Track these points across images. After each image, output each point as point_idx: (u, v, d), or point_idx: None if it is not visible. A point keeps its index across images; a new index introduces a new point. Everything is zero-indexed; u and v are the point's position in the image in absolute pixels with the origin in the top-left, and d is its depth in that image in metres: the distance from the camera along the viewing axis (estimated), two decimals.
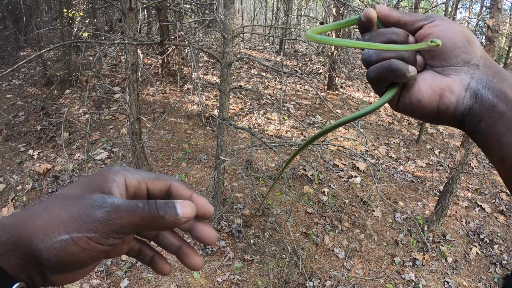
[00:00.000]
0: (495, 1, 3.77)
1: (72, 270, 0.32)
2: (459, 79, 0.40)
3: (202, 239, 0.37)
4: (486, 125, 0.38)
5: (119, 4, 3.05)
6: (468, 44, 0.41)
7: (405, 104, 0.43)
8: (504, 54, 11.95)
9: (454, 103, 0.40)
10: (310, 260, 3.21)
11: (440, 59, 0.42)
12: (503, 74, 0.40)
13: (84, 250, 0.31)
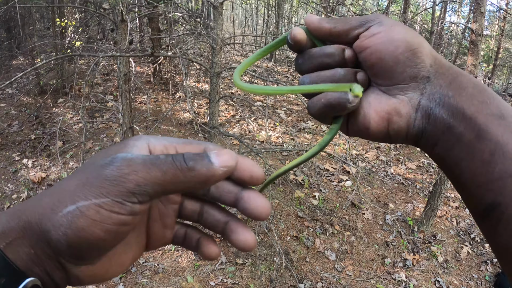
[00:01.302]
0: (478, 5, 3.87)
1: (91, 255, 0.27)
2: (407, 100, 0.35)
3: (251, 211, 0.30)
4: (443, 149, 0.34)
5: (111, 16, 3.12)
6: (413, 55, 0.34)
7: (355, 131, 0.38)
8: (493, 56, 12.10)
9: (404, 127, 0.35)
10: (301, 263, 3.27)
11: (384, 78, 0.36)
12: (461, 81, 0.34)
13: (95, 222, 0.25)
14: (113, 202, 0.25)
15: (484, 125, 0.31)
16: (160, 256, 3.12)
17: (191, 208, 0.33)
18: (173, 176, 0.26)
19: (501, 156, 0.29)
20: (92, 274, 0.28)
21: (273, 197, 3.89)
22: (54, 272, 0.27)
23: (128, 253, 0.31)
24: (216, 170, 0.27)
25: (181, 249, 3.19)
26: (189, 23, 5.24)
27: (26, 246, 0.26)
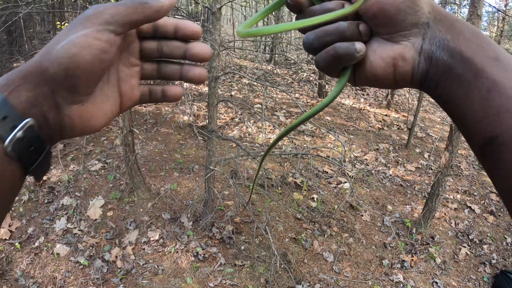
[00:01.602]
0: (475, 8, 3.89)
1: (82, 85, 0.33)
2: (410, 45, 0.37)
3: (197, 54, 0.38)
4: (444, 89, 0.36)
5: None
6: (412, 3, 0.36)
7: (362, 80, 0.40)
8: None
9: (409, 71, 0.38)
10: (300, 264, 3.30)
11: (386, 27, 0.37)
12: (458, 27, 0.36)
13: (83, 48, 0.32)
14: (95, 30, 0.33)
15: (481, 65, 0.33)
16: (159, 258, 3.15)
17: (149, 68, 0.41)
18: (134, 9, 0.34)
19: (497, 93, 0.32)
20: (80, 115, 0.35)
21: (271, 199, 3.92)
22: (49, 113, 0.33)
23: (108, 103, 0.37)
24: (164, 3, 0.35)
25: (180, 250, 3.23)
26: None
27: (26, 91, 0.32)
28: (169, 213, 3.64)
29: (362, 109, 7.93)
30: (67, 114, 0.34)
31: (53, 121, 0.34)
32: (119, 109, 0.40)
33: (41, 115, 0.33)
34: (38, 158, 0.33)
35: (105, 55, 0.34)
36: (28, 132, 0.32)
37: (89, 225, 3.40)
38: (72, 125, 0.35)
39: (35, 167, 0.34)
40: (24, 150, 0.32)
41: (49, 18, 8.57)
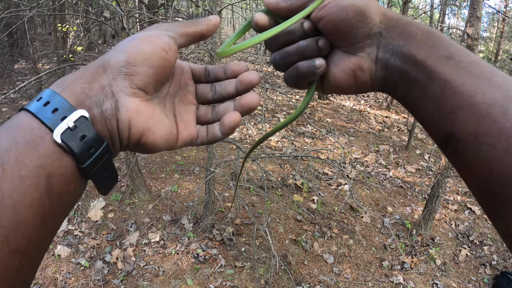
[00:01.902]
0: (474, 9, 3.90)
1: (139, 72, 0.35)
2: (366, 55, 0.39)
3: (245, 80, 0.41)
4: (403, 91, 0.38)
5: (111, 23, 3.17)
6: (362, 16, 0.38)
7: (329, 90, 0.43)
8: (492, 58, 12.12)
9: (368, 79, 0.40)
10: (300, 266, 3.31)
11: (342, 41, 0.40)
12: (411, 30, 0.37)
13: (145, 42, 0.36)
14: (156, 33, 0.37)
15: (434, 66, 0.35)
16: (160, 259, 3.16)
17: (205, 109, 0.44)
18: (188, 23, 0.40)
19: (450, 92, 0.33)
20: (138, 111, 0.35)
21: (272, 200, 3.93)
22: (105, 103, 0.34)
23: (165, 124, 0.39)
24: (211, 19, 0.41)
25: (181, 252, 3.24)
26: None
27: (81, 83, 0.33)
28: (170, 215, 3.65)
29: (362, 110, 7.94)
30: (125, 105, 0.34)
31: (109, 113, 0.34)
32: (176, 139, 0.40)
33: (96, 105, 0.33)
34: (94, 153, 0.32)
35: (164, 54, 0.36)
36: (80, 123, 0.31)
37: (90, 226, 3.41)
38: (129, 122, 0.35)
39: (91, 165, 0.32)
40: (76, 141, 0.31)
41: (50, 20, 8.59)
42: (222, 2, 2.65)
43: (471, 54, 0.35)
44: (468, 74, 0.33)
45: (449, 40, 0.37)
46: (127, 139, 0.36)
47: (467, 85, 0.33)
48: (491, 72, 0.34)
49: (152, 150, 0.38)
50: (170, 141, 0.39)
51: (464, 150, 0.33)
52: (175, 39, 0.38)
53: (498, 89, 0.32)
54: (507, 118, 0.30)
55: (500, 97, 0.31)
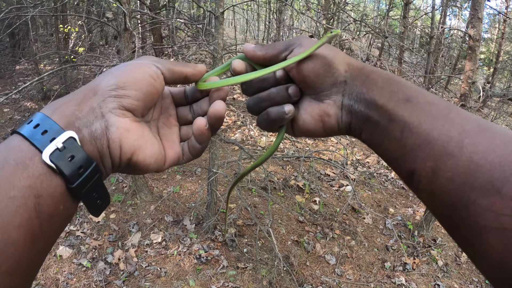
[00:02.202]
0: (476, 11, 3.90)
1: (128, 95, 0.37)
2: (332, 102, 0.42)
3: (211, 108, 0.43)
4: (367, 135, 0.40)
5: (114, 24, 3.18)
6: (329, 67, 0.42)
7: (299, 133, 0.46)
8: (493, 59, 12.10)
9: (335, 124, 0.43)
10: (302, 267, 3.31)
11: (311, 89, 0.43)
12: (373, 78, 0.41)
13: (136, 68, 0.38)
14: (147, 62, 0.40)
15: (393, 110, 0.37)
16: (162, 260, 3.16)
17: (187, 130, 0.46)
18: (176, 63, 0.42)
19: (409, 132, 0.36)
20: (128, 130, 0.37)
21: (274, 202, 3.93)
22: (94, 123, 0.35)
23: (153, 144, 0.41)
24: (199, 66, 0.44)
25: (183, 253, 3.23)
26: (191, 29, 5.30)
27: (72, 106, 0.35)
28: (172, 216, 3.65)
29: None
30: (115, 125, 0.36)
31: (98, 133, 0.35)
32: (164, 159, 0.42)
33: (86, 126, 0.34)
34: (84, 174, 0.33)
35: (152, 81, 0.39)
36: (69, 144, 0.32)
37: (91, 227, 3.41)
38: (120, 140, 0.36)
39: (81, 185, 0.33)
40: (64, 162, 0.32)
41: (52, 21, 8.60)
42: (225, 4, 2.65)
43: (428, 95, 0.38)
44: (425, 114, 0.36)
45: (408, 83, 0.40)
46: (119, 158, 0.37)
47: (424, 125, 0.35)
48: (447, 110, 0.36)
49: (143, 169, 0.40)
50: (159, 161, 0.41)
51: (426, 185, 0.35)
52: (162, 71, 0.41)
53: (454, 126, 0.34)
54: (463, 152, 0.32)
55: (456, 133, 0.33)
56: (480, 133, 0.33)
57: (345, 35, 8.10)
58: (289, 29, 9.21)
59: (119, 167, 0.38)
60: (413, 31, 12.38)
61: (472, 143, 0.32)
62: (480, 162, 0.31)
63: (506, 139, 0.32)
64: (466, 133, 0.33)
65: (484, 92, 9.06)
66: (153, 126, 0.44)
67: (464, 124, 0.34)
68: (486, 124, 0.34)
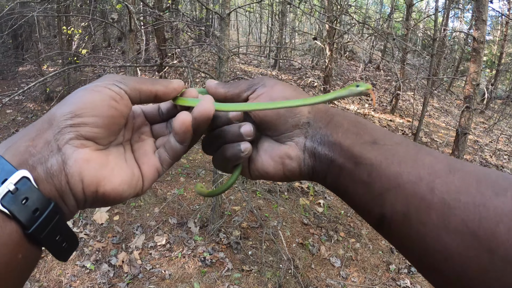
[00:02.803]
0: (479, 13, 3.90)
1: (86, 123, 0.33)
2: (294, 144, 0.40)
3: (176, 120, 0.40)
4: (332, 179, 0.38)
5: (118, 25, 3.18)
6: (291, 108, 0.40)
7: (257, 175, 0.44)
8: (496, 61, 12.11)
9: (296, 167, 0.40)
10: (307, 270, 3.29)
11: (271, 130, 0.42)
12: (337, 120, 0.39)
13: (93, 92, 0.35)
14: (107, 83, 0.36)
15: (359, 153, 0.36)
16: (166, 263, 3.14)
17: (162, 139, 0.43)
18: (143, 81, 0.38)
19: (377, 175, 0.34)
20: (88, 161, 0.33)
21: (278, 204, 3.91)
22: (50, 159, 0.32)
23: (125, 165, 0.38)
24: (172, 83, 0.40)
25: (187, 255, 3.22)
26: (194, 31, 5.30)
27: (25, 141, 0.32)
28: (176, 218, 3.64)
29: (366, 114, 7.93)
30: (73, 158, 0.32)
31: (55, 169, 0.32)
32: (142, 180, 0.39)
33: (41, 163, 0.31)
34: (40, 216, 0.30)
35: (114, 103, 0.35)
36: (22, 185, 0.29)
37: (95, 229, 3.40)
38: (80, 173, 0.32)
39: (39, 229, 0.30)
40: (17, 205, 0.29)
41: (55, 23, 8.61)
42: (231, 5, 2.65)
43: (395, 136, 0.37)
44: (393, 156, 0.34)
45: (374, 126, 0.39)
46: (82, 193, 0.33)
47: (392, 167, 0.33)
48: (416, 150, 0.34)
49: (116, 199, 0.36)
50: (134, 185, 0.37)
51: (396, 229, 0.33)
52: (127, 91, 0.37)
53: (423, 166, 0.32)
54: (434, 193, 0.30)
55: (426, 174, 0.32)
56: (451, 172, 0.31)
57: (347, 37, 8.10)
58: (291, 31, 9.22)
59: (86, 203, 0.34)
60: (415, 33, 12.39)
61: (443, 183, 0.31)
62: (452, 204, 0.29)
63: (479, 176, 0.30)
64: (437, 173, 0.32)
65: (488, 94, 9.05)
66: (126, 148, 0.40)
67: (434, 164, 0.33)
68: (457, 163, 0.32)
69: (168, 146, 0.40)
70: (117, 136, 0.39)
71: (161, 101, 0.41)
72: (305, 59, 11.15)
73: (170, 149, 0.40)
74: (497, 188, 0.29)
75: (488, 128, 8.59)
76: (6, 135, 5.00)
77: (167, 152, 0.40)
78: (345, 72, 10.48)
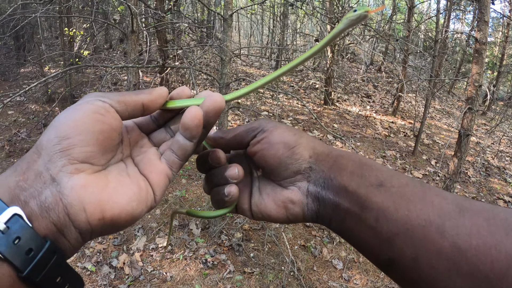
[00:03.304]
0: (481, 14, 3.88)
1: (75, 144, 0.31)
2: (297, 189, 0.40)
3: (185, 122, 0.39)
4: (337, 223, 0.38)
5: (120, 27, 3.17)
6: (292, 153, 0.40)
7: (259, 217, 0.43)
8: (497, 63, 12.09)
9: (299, 212, 0.40)
10: (309, 272, 3.28)
11: (273, 175, 0.42)
12: (341, 162, 0.39)
13: (75, 110, 0.32)
14: (89, 100, 0.34)
15: (365, 196, 0.35)
16: (168, 265, 3.13)
17: (166, 144, 0.41)
18: (126, 93, 0.36)
19: (385, 220, 0.33)
20: (86, 186, 0.30)
21: None
22: (44, 191, 0.29)
23: (128, 181, 0.35)
24: (156, 90, 0.38)
25: (189, 257, 3.21)
26: (196, 33, 5.30)
27: (15, 176, 0.30)
28: (178, 220, 3.63)
29: (368, 116, 7.92)
30: (68, 186, 0.29)
31: (50, 201, 0.29)
32: (152, 192, 0.37)
33: (33, 197, 0.29)
34: (35, 257, 0.28)
35: (99, 116, 0.33)
36: (13, 223, 0.27)
37: None
38: (80, 202, 0.30)
39: (34, 271, 0.28)
40: (9, 246, 0.27)
41: (57, 24, 8.63)
42: (233, 7, 2.64)
43: (402, 177, 0.36)
44: (400, 199, 0.33)
45: (380, 166, 0.38)
46: (87, 223, 0.30)
47: (400, 210, 0.33)
48: (424, 191, 0.34)
49: (128, 220, 0.33)
50: (144, 198, 0.35)
51: (406, 273, 0.32)
52: (112, 104, 0.35)
53: (432, 208, 0.32)
54: (444, 237, 0.30)
55: (435, 216, 0.31)
56: (460, 213, 0.31)
57: (349, 39, 8.10)
58: (293, 33, 9.22)
59: (93, 233, 0.31)
60: (417, 35, 12.39)
61: (454, 226, 0.30)
62: (464, 247, 0.29)
63: (489, 216, 0.30)
64: (446, 215, 0.31)
65: (490, 95, 9.03)
66: (127, 163, 0.38)
67: (443, 205, 0.32)
68: (466, 203, 0.32)
69: (176, 146, 0.38)
70: (114, 154, 0.36)
71: (150, 111, 0.39)
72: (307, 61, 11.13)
73: (179, 149, 0.38)
74: (508, 228, 0.28)
75: (490, 129, 8.57)
76: (7, 136, 5.00)
77: (176, 153, 0.38)
78: (347, 74, 10.47)
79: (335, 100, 8.21)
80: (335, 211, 0.37)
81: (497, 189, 5.54)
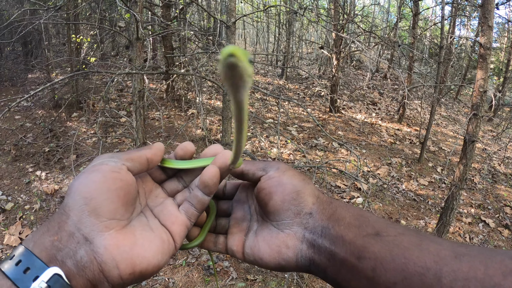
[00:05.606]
0: (486, 19, 3.87)
1: (99, 204, 0.33)
2: (293, 233, 0.40)
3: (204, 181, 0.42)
4: (332, 273, 0.37)
5: (126, 34, 3.20)
6: (297, 195, 0.41)
7: (250, 260, 0.44)
8: (503, 68, 12.01)
9: (293, 258, 0.40)
10: (312, 279, 3.26)
11: (272, 214, 0.42)
12: (340, 213, 0.40)
13: (92, 172, 0.35)
14: (102, 161, 0.37)
15: (362, 246, 0.35)
16: (170, 271, 3.13)
17: (181, 195, 0.44)
18: (130, 151, 0.40)
19: (382, 269, 0.33)
20: (118, 243, 0.33)
21: None
22: (79, 250, 0.31)
23: (153, 236, 0.38)
24: (155, 145, 0.42)
25: (192, 264, 3.21)
26: (202, 41, 5.33)
27: (50, 236, 0.32)
28: None
29: (373, 123, 7.91)
30: (101, 245, 0.32)
31: (86, 260, 0.32)
32: (173, 242, 0.40)
33: (69, 257, 0.31)
34: None
35: (116, 174, 0.36)
36: (54, 283, 0.29)
37: None
38: (114, 260, 0.33)
39: None
40: None
41: (64, 31, 8.72)
42: (236, 14, 2.66)
43: (398, 227, 0.36)
44: (397, 247, 0.34)
45: (377, 218, 0.38)
46: (120, 278, 0.33)
47: (397, 259, 0.33)
48: (420, 238, 0.34)
49: (154, 271, 0.36)
50: (167, 250, 0.38)
51: None
52: (123, 162, 0.38)
53: (428, 255, 0.32)
54: (442, 283, 0.30)
55: (432, 262, 0.31)
56: (457, 258, 0.31)
57: (354, 46, 8.11)
58: (298, 41, 9.24)
59: (124, 286, 0.34)
60: (422, 41, 12.36)
61: (450, 271, 0.30)
62: None
63: (486, 259, 0.30)
64: (443, 260, 0.31)
65: (496, 101, 8.97)
66: (147, 215, 0.41)
67: (439, 251, 0.32)
68: (462, 248, 0.32)
69: (195, 200, 0.42)
70: (135, 206, 0.39)
71: (153, 164, 0.42)
72: (312, 68, 11.18)
73: (198, 203, 0.42)
74: (505, 270, 0.29)
75: (496, 136, 8.51)
76: (14, 140, 5.04)
77: (194, 206, 0.42)
78: (352, 81, 10.48)
79: (340, 107, 8.20)
80: (331, 260, 0.37)
81: (504, 196, 5.49)
